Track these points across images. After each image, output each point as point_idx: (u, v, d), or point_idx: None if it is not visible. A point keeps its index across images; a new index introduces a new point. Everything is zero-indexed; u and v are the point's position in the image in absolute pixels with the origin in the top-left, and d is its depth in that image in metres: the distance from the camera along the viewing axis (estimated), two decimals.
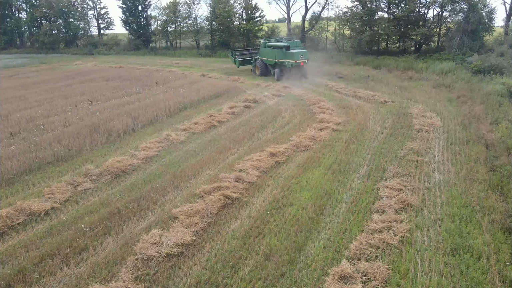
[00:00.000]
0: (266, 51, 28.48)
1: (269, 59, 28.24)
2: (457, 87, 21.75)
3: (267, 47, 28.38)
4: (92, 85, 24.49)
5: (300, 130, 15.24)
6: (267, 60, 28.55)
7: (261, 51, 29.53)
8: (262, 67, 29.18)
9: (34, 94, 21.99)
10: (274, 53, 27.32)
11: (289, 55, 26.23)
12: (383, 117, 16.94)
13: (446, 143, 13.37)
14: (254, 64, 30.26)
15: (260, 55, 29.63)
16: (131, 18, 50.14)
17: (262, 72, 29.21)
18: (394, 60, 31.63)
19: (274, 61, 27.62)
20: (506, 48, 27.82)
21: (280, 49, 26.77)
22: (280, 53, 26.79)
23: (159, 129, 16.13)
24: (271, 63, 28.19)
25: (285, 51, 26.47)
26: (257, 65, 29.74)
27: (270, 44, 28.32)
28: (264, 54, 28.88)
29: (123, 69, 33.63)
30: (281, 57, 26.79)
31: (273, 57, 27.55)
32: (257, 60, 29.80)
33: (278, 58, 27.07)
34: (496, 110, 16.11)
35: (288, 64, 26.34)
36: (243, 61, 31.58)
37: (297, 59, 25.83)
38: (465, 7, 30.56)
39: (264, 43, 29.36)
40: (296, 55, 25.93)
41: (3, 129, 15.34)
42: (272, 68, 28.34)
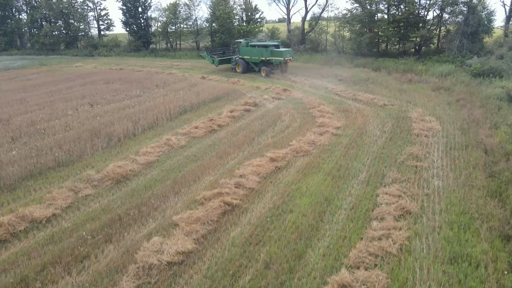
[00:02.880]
0: (249, 50, 30.79)
1: (254, 58, 30.65)
2: (456, 90, 21.81)
3: (250, 47, 30.68)
4: (92, 87, 24.54)
5: (300, 135, 15.30)
6: (251, 58, 30.95)
7: (242, 50, 31.53)
8: (243, 65, 31.42)
9: (35, 97, 22.04)
10: (261, 51, 29.82)
11: (278, 53, 29.20)
12: (383, 121, 17.00)
13: (445, 148, 13.43)
14: (235, 63, 32.17)
15: (241, 54, 31.70)
16: (131, 19, 50.19)
17: (243, 70, 31.50)
18: (394, 62, 31.70)
19: (260, 59, 30.18)
20: (506, 51, 27.85)
21: (268, 48, 29.39)
22: (267, 52, 29.38)
23: (159, 133, 16.19)
24: (256, 61, 30.69)
25: (274, 49, 29.27)
26: (238, 64, 31.79)
27: (256, 44, 30.56)
28: (247, 53, 31.08)
29: (123, 71, 33.68)
30: (269, 55, 29.48)
31: (259, 55, 30.08)
32: (238, 59, 31.75)
33: (265, 56, 29.73)
34: (495, 114, 16.17)
35: (276, 61, 29.53)
36: (222, 60, 33.37)
37: (285, 56, 29.08)
38: (465, 9, 30.63)
39: (246, 43, 31.30)
40: (284, 53, 29.14)
41: (4, 133, 15.39)
42: (256, 66, 30.94)
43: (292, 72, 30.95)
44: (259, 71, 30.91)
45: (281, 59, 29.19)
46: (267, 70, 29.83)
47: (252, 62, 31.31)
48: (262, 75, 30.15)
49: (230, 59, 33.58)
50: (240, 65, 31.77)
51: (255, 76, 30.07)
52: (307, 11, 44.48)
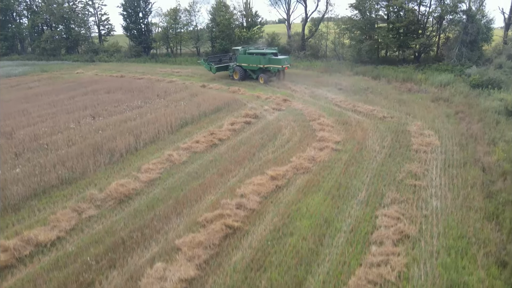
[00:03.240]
0: (247, 58, 31.21)
1: (251, 65, 31.11)
2: (455, 101, 21.99)
3: (248, 54, 31.07)
4: (94, 98, 24.71)
5: (300, 150, 15.47)
6: (248, 66, 31.38)
7: (239, 57, 31.83)
8: (241, 72, 31.72)
9: (37, 108, 22.22)
10: (259, 59, 30.26)
11: (276, 61, 29.76)
12: (382, 134, 17.17)
13: (443, 165, 13.60)
14: (233, 70, 32.45)
15: (239, 62, 31.99)
16: (132, 24, 50.36)
17: (241, 77, 31.79)
18: (393, 71, 31.89)
19: (258, 67, 30.56)
20: (505, 60, 28.07)
21: (266, 56, 29.93)
22: (265, 60, 29.87)
23: (161, 148, 16.36)
24: (254, 69, 31.12)
25: (272, 57, 29.86)
26: (236, 71, 32.05)
27: (254, 52, 30.98)
28: (244, 61, 31.49)
29: (124, 79, 33.84)
30: (267, 62, 30.00)
31: (257, 63, 30.51)
32: (236, 66, 32.03)
33: (263, 64, 30.14)
34: (493, 129, 16.34)
35: (274, 69, 30.03)
36: (219, 67, 33.58)
37: (283, 64, 29.68)
38: (464, 18, 30.81)
39: (243, 50, 31.63)
40: (282, 61, 29.73)
41: (8, 148, 15.56)
42: (254, 73, 31.28)
43: (292, 80, 31.14)
44: (256, 79, 31.28)
45: (279, 66, 29.73)
46: (265, 77, 30.31)
47: (249, 69, 31.68)
48: (260, 83, 30.43)
49: (227, 66, 33.83)
50: (237, 72, 32.10)
51: (255, 84, 30.24)
52: (307, 17, 44.71)
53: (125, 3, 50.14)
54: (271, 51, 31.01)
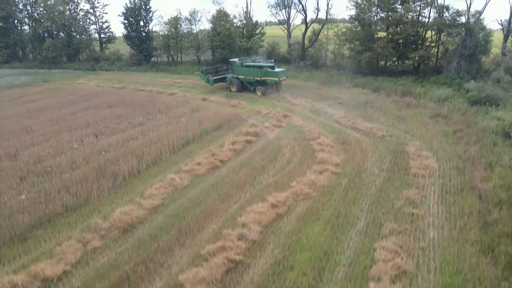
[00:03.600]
0: (244, 70, 31.72)
1: (248, 78, 31.60)
2: (453, 118, 22.24)
3: (245, 67, 31.59)
4: (96, 113, 24.97)
5: (300, 173, 15.73)
6: (245, 78, 31.87)
7: (236, 70, 32.36)
8: (238, 84, 32.34)
9: (40, 125, 22.48)
10: (256, 72, 30.84)
11: (272, 74, 30.38)
12: (381, 155, 17.43)
13: (441, 191, 13.85)
14: (230, 82, 32.96)
15: (236, 74, 32.53)
16: (133, 33, 50.65)
17: (238, 89, 32.39)
18: (393, 83, 32.19)
19: (255, 79, 31.08)
20: (502, 74, 28.35)
21: (263, 69, 30.52)
22: (262, 72, 30.47)
23: (163, 170, 16.62)
24: (251, 81, 31.55)
25: (269, 70, 30.43)
26: (233, 83, 32.62)
27: (251, 64, 31.49)
28: (241, 73, 32.00)
29: (125, 91, 34.12)
30: (264, 75, 30.53)
31: (255, 76, 31.05)
32: (233, 78, 32.62)
33: (260, 76, 30.71)
34: (490, 152, 16.60)
35: (271, 81, 30.63)
36: (217, 79, 34.06)
37: (279, 77, 30.33)
38: (463, 31, 31.09)
39: (240, 63, 32.11)
40: (279, 73, 30.35)
41: (13, 172, 15.81)
42: (251, 85, 31.77)
43: (292, 93, 31.44)
44: (254, 91, 31.77)
45: (276, 79, 30.34)
46: (262, 89, 30.86)
47: (247, 81, 32.08)
48: (260, 95, 30.69)
49: (225, 78, 34.17)
50: (235, 84, 32.59)
51: (255, 97, 30.54)
52: (307, 27, 44.97)
53: (126, 12, 50.44)
54: (268, 64, 31.43)
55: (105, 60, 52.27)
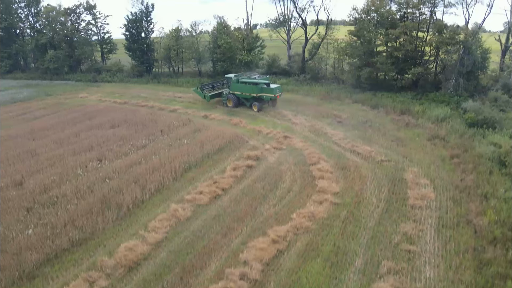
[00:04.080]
0: (240, 86, 32.42)
1: (245, 94, 32.29)
2: (451, 141, 22.58)
3: (241, 83, 32.27)
4: (99, 134, 25.34)
5: (301, 203, 16.12)
6: (242, 94, 32.56)
7: (232, 86, 33.01)
8: (234, 100, 33.03)
9: (44, 148, 22.84)
10: (252, 88, 31.62)
11: (268, 90, 31.02)
12: (380, 183, 17.80)
13: (437, 225, 14.22)
14: (226, 98, 33.60)
15: (232, 90, 33.20)
16: (134, 44, 51.05)
17: (234, 104, 33.06)
18: (392, 100, 32.57)
19: (251, 95, 31.80)
20: (500, 93, 28.73)
21: (259, 85, 31.28)
22: (258, 89, 31.24)
23: (166, 198, 17.00)
24: (247, 97, 32.23)
25: (265, 87, 31.04)
26: (229, 99, 33.28)
27: (247, 81, 32.15)
28: (238, 89, 32.68)
29: (128, 107, 34.47)
30: (260, 91, 31.25)
31: (251, 92, 31.79)
32: (229, 94, 33.27)
33: (256, 93, 31.47)
34: (486, 182, 16.95)
35: (267, 97, 31.29)
36: (213, 95, 34.75)
37: (275, 93, 31.03)
38: (461, 49, 31.48)
39: (236, 79, 32.72)
40: (274, 90, 31.01)
41: (19, 202, 16.20)
42: (247, 101, 32.41)
43: (292, 109, 31.84)
44: (250, 106, 32.45)
45: (272, 95, 31.02)
46: (258, 105, 31.62)
47: (243, 97, 32.76)
48: (261, 113, 31.10)
49: (221, 93, 34.91)
50: (231, 100, 33.28)
51: (255, 115, 30.90)
52: (307, 40, 45.39)
53: (128, 24, 50.88)
54: (264, 81, 31.97)
55: (106, 72, 52.69)
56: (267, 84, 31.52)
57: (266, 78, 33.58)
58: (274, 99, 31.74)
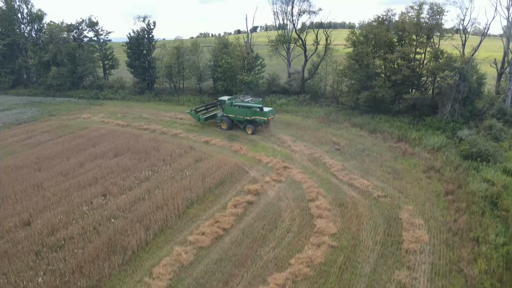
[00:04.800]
0: (234, 109, 33.66)
1: (238, 117, 33.55)
2: (446, 175, 23.22)
3: (235, 106, 33.48)
4: (103, 164, 25.96)
5: (299, 246, 16.77)
6: (235, 117, 33.80)
7: (226, 109, 34.19)
8: (228, 123, 34.28)
9: (50, 182, 23.44)
10: (246, 111, 32.88)
11: (261, 114, 32.26)
12: (376, 223, 18.44)
13: (430, 272, 14.84)
14: (220, 120, 34.75)
15: (226, 112, 34.32)
16: (136, 61, 51.77)
17: (228, 127, 34.38)
18: (389, 124, 33.27)
19: (245, 118, 33.03)
20: (495, 121, 29.38)
21: (252, 109, 32.49)
22: (251, 112, 32.51)
23: (170, 239, 17.64)
24: (241, 120, 33.50)
25: (258, 110, 32.19)
26: (223, 121, 34.48)
27: (241, 104, 33.36)
28: (231, 112, 33.89)
29: (130, 130, 35.01)
30: (253, 115, 32.52)
31: (244, 115, 33.04)
32: (223, 116, 34.42)
33: (249, 116, 32.72)
34: (478, 224, 17.57)
35: (260, 120, 32.65)
36: (207, 117, 36.06)
37: (268, 116, 32.29)
38: (456, 75, 32.17)
39: (230, 102, 34.01)
40: (267, 113, 32.22)
41: (28, 246, 16.81)
42: (241, 123, 33.78)
43: (292, 134, 32.58)
44: (243, 129, 33.76)
45: (265, 118, 32.29)
46: (252, 128, 32.95)
47: (236, 120, 33.93)
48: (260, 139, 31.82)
49: (215, 115, 36.02)
50: (225, 122, 34.42)
51: (255, 140, 31.56)
52: (306, 59, 46.11)
53: (130, 41, 51.63)
54: (257, 105, 32.99)
55: (108, 88, 53.41)
56: (260, 108, 32.51)
57: (259, 101, 34.59)
58: (267, 122, 32.84)
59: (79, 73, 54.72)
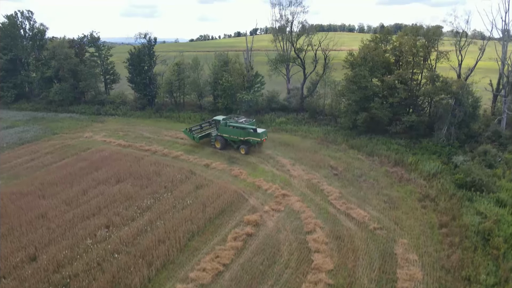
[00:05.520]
0: (228, 130, 34.73)
1: (232, 137, 34.68)
2: (441, 205, 23.83)
3: (229, 127, 34.52)
4: (106, 191, 26.54)
5: (297, 282, 17.37)
6: (229, 137, 34.93)
7: (221, 128, 35.38)
8: (222, 142, 35.47)
9: (54, 211, 24.03)
10: (240, 132, 33.97)
11: (255, 135, 33.39)
12: (371, 259, 19.05)
13: None
14: (215, 139, 35.95)
15: (220, 132, 35.49)
16: (137, 78, 52.43)
17: (222, 146, 35.55)
18: (386, 147, 33.94)
19: (239, 139, 34.16)
20: (489, 147, 30.00)
21: (246, 130, 33.59)
22: (245, 133, 33.65)
23: (171, 276, 18.24)
24: (235, 140, 34.64)
25: (252, 131, 33.30)
26: (217, 140, 35.66)
27: (235, 125, 34.31)
28: (225, 132, 35.02)
29: (132, 152, 35.57)
30: (246, 135, 33.69)
31: (238, 135, 34.16)
32: (217, 136, 35.62)
33: (243, 136, 33.88)
34: (470, 261, 18.16)
35: (254, 141, 33.81)
36: (202, 136, 37.15)
37: (261, 137, 33.49)
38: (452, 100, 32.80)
39: (224, 123, 35.08)
40: (261, 134, 33.38)
41: (35, 284, 17.42)
42: (235, 143, 34.93)
43: (290, 157, 33.23)
44: (237, 148, 34.86)
45: (258, 139, 33.50)
46: (246, 149, 34.04)
47: (230, 140, 35.07)
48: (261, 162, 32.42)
49: (209, 134, 37.27)
50: (219, 142, 35.59)
51: (255, 164, 32.15)
52: (305, 77, 46.79)
53: (131, 58, 52.29)
54: (251, 126, 33.98)
55: (110, 104, 54.05)
56: (254, 129, 33.53)
57: (252, 122, 35.63)
58: (260, 143, 33.96)
59: (81, 88, 55.39)
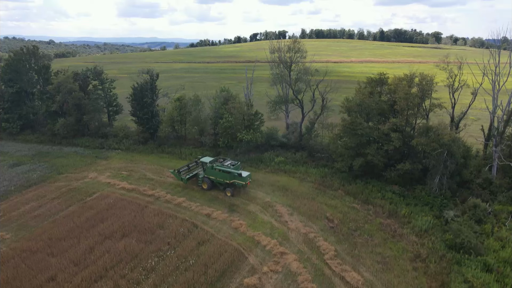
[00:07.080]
0: (215, 173, 37.17)
1: (218, 179, 37.15)
2: (431, 267, 25.09)
3: (215, 170, 36.94)
4: (112, 249, 27.73)
5: None
6: (216, 179, 37.43)
7: (207, 171, 37.81)
8: (209, 183, 38.00)
9: (63, 273, 25.21)
10: (225, 175, 36.42)
11: (240, 178, 35.84)
12: None
13: None
14: (202, 180, 38.27)
15: (207, 174, 37.93)
16: (140, 111, 53.86)
17: (209, 187, 38.04)
18: (381, 195, 35.28)
19: (225, 182, 36.59)
20: (479, 201, 31.28)
21: (231, 174, 35.98)
22: (231, 176, 36.12)
23: None
24: (221, 183, 37.06)
25: (237, 175, 35.71)
26: (205, 182, 38.08)
27: (221, 169, 36.75)
28: (212, 174, 37.49)
29: (136, 197, 36.90)
30: (232, 178, 36.15)
31: (224, 178, 36.62)
32: (204, 177, 37.92)
33: (229, 180, 36.37)
34: None
35: (239, 184, 36.21)
36: (190, 177, 39.13)
37: (246, 181, 35.89)
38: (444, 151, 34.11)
39: (211, 166, 37.44)
40: (245, 178, 35.78)
41: None
42: (221, 185, 37.32)
43: (288, 204, 34.55)
44: (223, 190, 37.27)
45: (243, 183, 35.97)
46: (231, 191, 36.50)
47: (217, 182, 37.47)
48: (261, 211, 33.65)
49: (196, 175, 39.30)
50: (206, 183, 38.05)
51: (254, 212, 33.44)
52: (304, 116, 48.18)
53: (134, 93, 53.76)
54: (236, 171, 36.23)
55: (113, 137, 55.44)
56: (239, 174, 35.82)
57: (237, 166, 37.72)
58: (245, 186, 36.42)
59: (85, 122, 56.83)
